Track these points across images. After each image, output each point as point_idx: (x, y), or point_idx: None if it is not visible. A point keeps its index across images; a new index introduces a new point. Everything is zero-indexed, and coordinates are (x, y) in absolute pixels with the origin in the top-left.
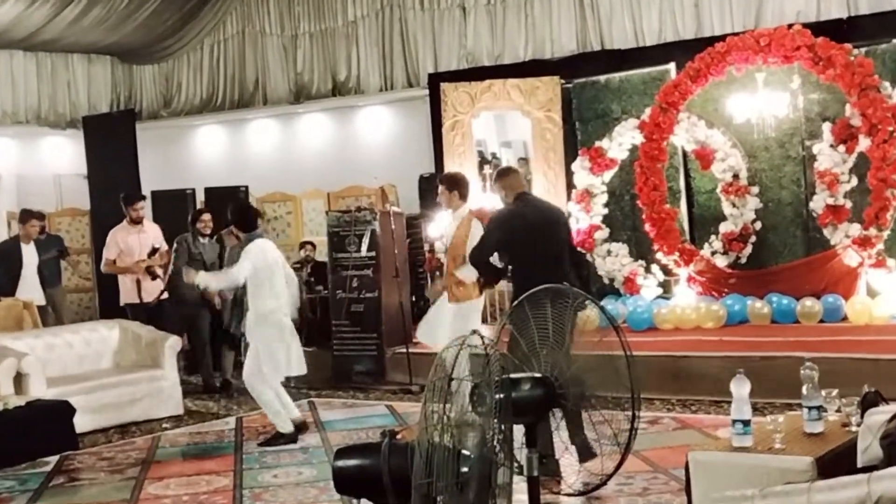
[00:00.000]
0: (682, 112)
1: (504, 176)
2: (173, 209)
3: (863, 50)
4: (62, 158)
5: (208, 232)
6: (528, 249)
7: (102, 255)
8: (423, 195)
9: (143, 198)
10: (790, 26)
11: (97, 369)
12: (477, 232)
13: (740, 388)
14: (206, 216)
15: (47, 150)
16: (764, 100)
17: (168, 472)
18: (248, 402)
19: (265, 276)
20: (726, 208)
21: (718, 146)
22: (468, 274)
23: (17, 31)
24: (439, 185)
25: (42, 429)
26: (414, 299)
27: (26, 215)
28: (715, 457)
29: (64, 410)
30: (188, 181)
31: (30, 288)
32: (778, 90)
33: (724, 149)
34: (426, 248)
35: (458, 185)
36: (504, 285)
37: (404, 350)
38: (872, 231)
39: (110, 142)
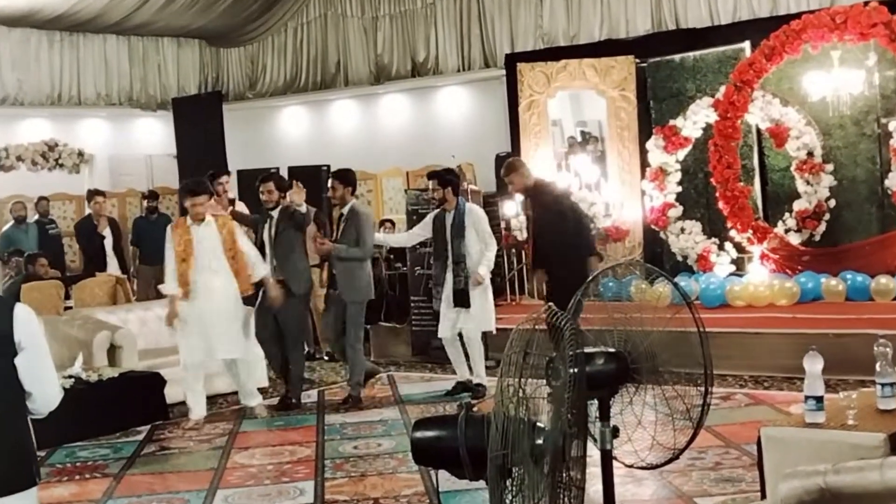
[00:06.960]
0: (757, 90)
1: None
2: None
3: None
4: (153, 139)
5: None
6: None
7: None
8: (499, 174)
9: (228, 173)
10: (866, 3)
11: None
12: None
13: (813, 364)
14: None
15: (138, 131)
16: (839, 77)
17: (253, 441)
18: (331, 376)
19: None
20: (800, 186)
21: (793, 124)
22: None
23: (110, 15)
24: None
25: (134, 399)
26: (491, 277)
27: (90, 193)
28: (787, 432)
29: (155, 382)
30: (272, 160)
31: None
32: (853, 67)
33: (798, 126)
34: (502, 225)
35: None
36: None
37: None
38: None
39: (198, 123)
